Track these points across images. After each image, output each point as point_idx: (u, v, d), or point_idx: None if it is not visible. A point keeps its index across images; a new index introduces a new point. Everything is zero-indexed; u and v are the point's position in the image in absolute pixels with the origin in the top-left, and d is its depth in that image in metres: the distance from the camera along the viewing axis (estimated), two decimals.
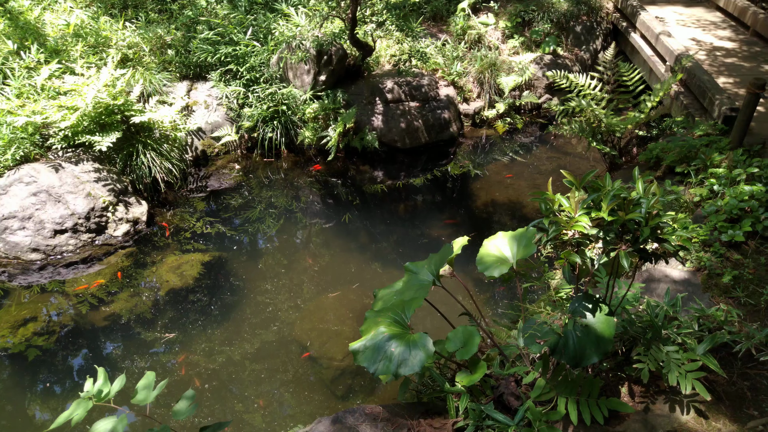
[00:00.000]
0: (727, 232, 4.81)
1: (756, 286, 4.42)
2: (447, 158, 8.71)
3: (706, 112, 6.80)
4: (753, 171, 5.20)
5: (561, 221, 3.10)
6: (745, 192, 4.99)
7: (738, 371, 3.72)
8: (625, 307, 3.87)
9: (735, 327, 3.90)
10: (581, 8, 9.97)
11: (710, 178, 5.39)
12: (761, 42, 8.63)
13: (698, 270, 4.70)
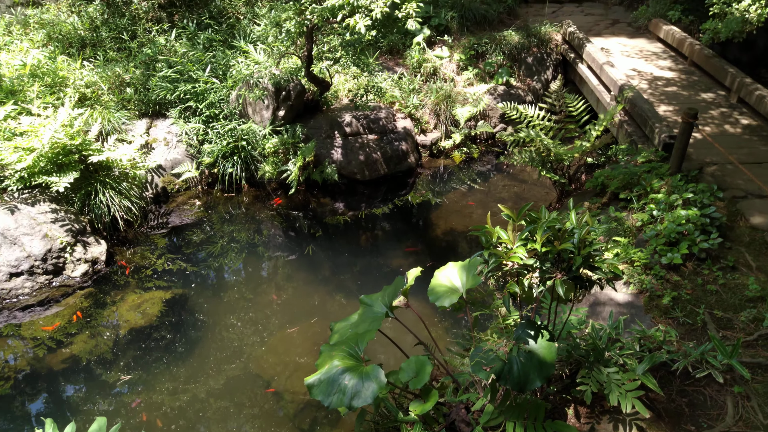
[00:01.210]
0: (667, 255, 5.07)
1: (693, 306, 4.67)
2: (406, 188, 8.91)
3: (648, 139, 7.16)
4: (688, 196, 5.50)
5: (500, 253, 3.27)
6: (681, 216, 5.27)
7: (676, 388, 3.92)
8: (570, 332, 4.05)
9: (673, 346, 4.11)
10: (532, 40, 10.39)
11: (650, 203, 5.67)
12: (698, 71, 9.12)
13: (640, 292, 4.93)
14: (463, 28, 10.66)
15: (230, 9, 10.17)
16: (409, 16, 4.95)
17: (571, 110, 7.10)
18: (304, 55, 7.32)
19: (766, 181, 6.27)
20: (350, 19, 4.94)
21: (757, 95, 7.59)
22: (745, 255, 5.27)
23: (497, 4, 11.31)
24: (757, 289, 4.72)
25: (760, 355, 4.13)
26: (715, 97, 8.31)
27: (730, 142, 7.13)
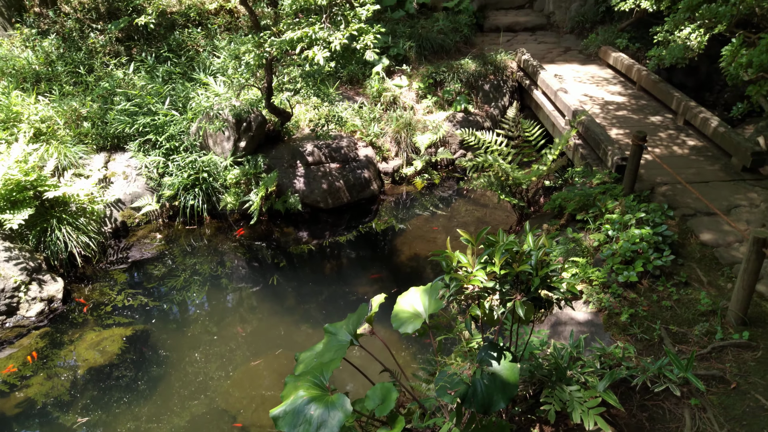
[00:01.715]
0: (623, 273, 5.22)
1: (650, 322, 4.80)
2: (370, 215, 8.97)
3: (602, 162, 7.40)
4: (641, 216, 5.69)
5: (460, 277, 3.33)
6: (635, 235, 5.45)
7: (637, 403, 4.01)
8: (532, 352, 4.12)
9: (632, 362, 4.22)
10: (488, 68, 10.69)
11: (606, 224, 5.85)
12: (647, 96, 9.51)
13: (599, 311, 5.06)
14: (421, 58, 10.91)
15: (189, 42, 10.19)
16: (367, 48, 5.06)
17: (528, 135, 7.31)
18: (264, 86, 7.38)
19: (712, 199, 6.53)
20: (309, 51, 5.03)
21: (701, 118, 7.95)
22: (697, 270, 5.46)
23: (454, 34, 11.62)
24: (709, 303, 4.90)
25: (714, 367, 4.27)
26: (663, 120, 8.66)
27: (678, 163, 7.42)
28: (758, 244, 4.42)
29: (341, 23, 5.57)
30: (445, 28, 11.59)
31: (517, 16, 14.02)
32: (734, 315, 4.69)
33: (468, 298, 3.38)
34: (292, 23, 5.49)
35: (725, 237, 5.88)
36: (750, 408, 3.93)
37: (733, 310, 4.71)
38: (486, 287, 3.32)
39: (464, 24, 11.97)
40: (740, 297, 4.65)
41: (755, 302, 4.92)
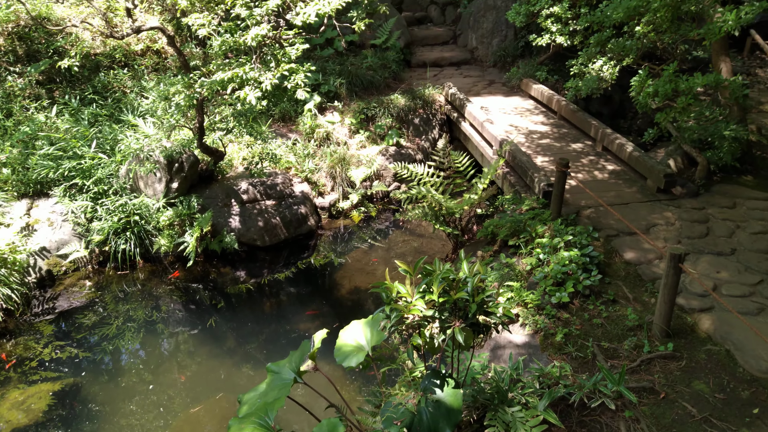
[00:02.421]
0: (555, 294, 5.44)
1: (583, 340, 5.01)
2: (308, 251, 8.95)
3: (530, 188, 7.73)
4: (568, 239, 5.98)
5: (400, 307, 3.40)
6: (565, 258, 5.71)
7: (576, 420, 4.16)
8: (474, 377, 4.21)
9: (569, 380, 4.38)
10: (417, 102, 11.01)
11: (537, 248, 6.10)
12: (567, 124, 10.04)
13: (536, 332, 5.24)
14: (352, 94, 11.12)
15: (115, 83, 10.00)
16: (297, 87, 5.16)
17: (458, 166, 7.56)
18: (195, 126, 7.33)
19: (632, 220, 6.93)
20: (241, 91, 5.07)
21: (617, 143, 8.46)
22: (623, 288, 5.76)
23: (383, 70, 11.93)
24: (635, 318, 5.17)
25: (644, 379, 4.50)
26: (583, 147, 9.16)
27: (600, 187, 7.85)
28: (675, 260, 4.73)
29: (271, 62, 5.65)
30: (374, 64, 11.88)
31: (442, 51, 14.55)
32: (659, 328, 4.96)
33: (409, 328, 3.45)
34: (222, 64, 5.53)
35: (646, 255, 6.23)
36: (679, 416, 4.15)
37: (657, 323, 4.99)
38: (426, 316, 3.40)
39: (392, 60, 12.31)
40: (663, 311, 4.94)
41: (677, 315, 5.24)
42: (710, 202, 7.40)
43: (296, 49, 5.92)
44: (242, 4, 5.08)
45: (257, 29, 4.95)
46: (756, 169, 8.45)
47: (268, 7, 4.99)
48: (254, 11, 5.04)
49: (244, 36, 5.04)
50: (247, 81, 5.08)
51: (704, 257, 6.18)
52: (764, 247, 6.30)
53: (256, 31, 4.93)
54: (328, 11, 5.24)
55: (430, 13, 16.71)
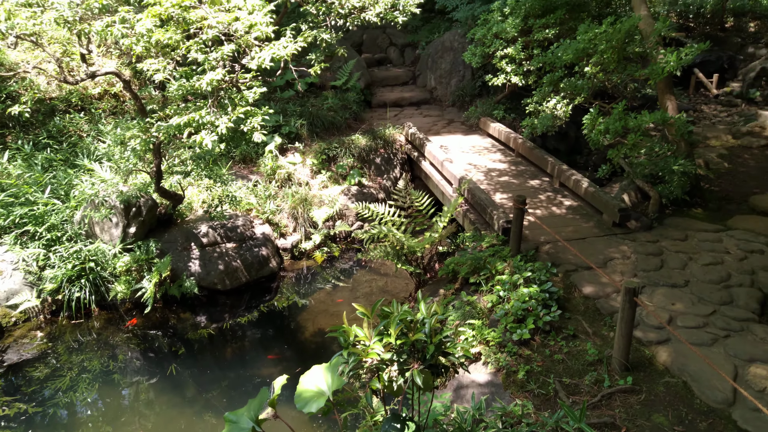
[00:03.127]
0: (516, 331, 5.47)
1: (545, 377, 5.03)
2: (271, 294, 8.83)
3: (489, 225, 7.84)
4: (527, 275, 6.05)
5: (358, 351, 3.37)
6: (524, 294, 5.76)
7: None
8: (436, 418, 4.16)
9: (531, 418, 4.37)
10: (378, 142, 11.14)
11: (497, 285, 6.15)
12: (525, 161, 10.27)
13: (498, 370, 5.24)
14: (314, 135, 11.19)
15: (71, 128, 9.85)
16: (254, 130, 5.17)
17: (418, 205, 7.63)
18: (153, 170, 7.24)
19: (589, 254, 7.07)
20: (197, 135, 5.05)
21: (573, 179, 8.68)
22: (583, 323, 5.83)
23: (343, 111, 12.07)
24: (595, 353, 5.22)
25: (605, 414, 4.52)
26: (541, 183, 9.37)
27: (557, 222, 8.01)
28: (630, 294, 4.82)
29: (228, 106, 5.66)
30: (334, 105, 12.02)
31: (402, 92, 14.83)
32: (618, 362, 5.02)
33: (368, 372, 3.41)
34: (179, 108, 5.51)
35: (604, 288, 6.35)
36: None
37: (616, 357, 5.05)
38: (384, 359, 3.37)
39: (353, 101, 12.48)
40: (621, 345, 5.01)
41: (635, 348, 5.32)
42: (663, 235, 7.62)
43: (254, 93, 5.95)
44: (197, 50, 5.11)
45: (212, 74, 4.98)
46: (705, 201, 8.76)
47: (222, 53, 5.02)
48: (210, 56, 5.08)
49: (199, 81, 5.05)
50: (203, 125, 5.07)
51: (660, 289, 6.33)
52: (716, 278, 6.49)
53: (211, 76, 4.95)
54: (284, 55, 5.30)
55: (389, 55, 17.08)
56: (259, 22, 5.06)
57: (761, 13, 20.96)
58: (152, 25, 5.13)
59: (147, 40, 5.11)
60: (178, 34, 5.05)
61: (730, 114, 16.02)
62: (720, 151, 11.71)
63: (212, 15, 5.03)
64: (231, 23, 5.08)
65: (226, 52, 5.01)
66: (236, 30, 5.12)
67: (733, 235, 7.52)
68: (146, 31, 5.14)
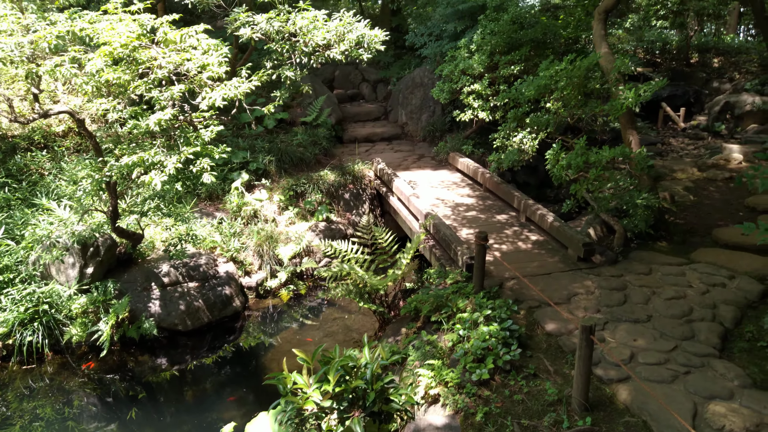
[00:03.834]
0: (476, 371, 5.35)
1: (503, 419, 4.90)
2: (234, 334, 8.62)
3: (454, 261, 7.77)
4: (487, 313, 5.97)
5: (296, 400, 3.24)
6: (484, 333, 5.67)
7: None
8: None
9: None
10: (347, 178, 11.10)
11: (458, 323, 6.05)
12: (492, 196, 10.29)
13: (456, 413, 5.10)
14: (282, 171, 11.13)
15: (33, 166, 9.68)
16: (203, 170, 5.09)
17: (381, 242, 7.55)
18: (109, 210, 7.10)
19: (554, 290, 7.02)
20: (146, 176, 4.95)
21: (539, 214, 8.69)
22: (544, 361, 5.74)
23: (313, 147, 12.06)
24: (555, 392, 5.12)
25: None
26: (508, 218, 9.36)
27: (523, 257, 7.97)
28: (586, 332, 4.75)
29: (184, 145, 5.59)
30: (304, 141, 12.01)
31: (374, 127, 14.92)
32: (577, 402, 4.92)
33: (305, 421, 3.28)
34: (129, 148, 5.43)
35: (566, 325, 6.28)
36: None
37: (575, 397, 4.95)
38: (323, 407, 3.25)
39: (323, 137, 12.49)
40: (580, 384, 4.91)
41: (595, 386, 5.23)
42: (628, 269, 7.61)
43: (210, 132, 5.89)
44: (146, 89, 5.05)
45: (160, 114, 4.91)
46: (670, 234, 8.81)
47: (173, 92, 4.96)
48: (161, 95, 5.01)
49: (146, 120, 4.98)
50: (152, 165, 4.98)
51: (622, 325, 6.27)
52: (678, 313, 6.46)
53: (158, 116, 4.89)
54: (237, 94, 5.26)
55: (362, 91, 17.23)
56: (212, 63, 5.03)
57: (724, 50, 21.61)
58: (103, 65, 5.07)
59: (97, 80, 5.04)
60: (127, 74, 4.99)
61: (697, 147, 16.33)
62: (686, 183, 11.87)
63: (162, 55, 4.98)
64: (182, 63, 5.04)
65: (176, 92, 4.96)
66: (188, 70, 5.08)
67: (696, 269, 7.53)
68: (96, 71, 5.08)
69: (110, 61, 5.20)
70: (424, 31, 13.72)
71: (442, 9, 12.96)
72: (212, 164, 5.13)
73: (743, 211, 10.00)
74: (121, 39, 4.77)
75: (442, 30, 13.28)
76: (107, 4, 5.43)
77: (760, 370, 5.50)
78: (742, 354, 5.80)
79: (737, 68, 20.58)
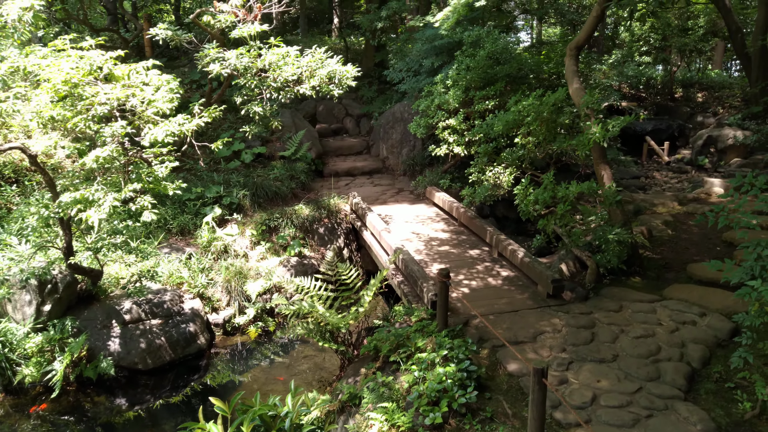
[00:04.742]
0: (429, 415, 5.15)
1: None
2: (199, 372, 8.39)
3: (420, 298, 7.60)
4: (444, 353, 5.78)
5: None
6: (440, 374, 5.48)
7: None
8: None
9: None
10: (322, 212, 11.00)
11: (415, 363, 5.85)
12: (467, 231, 10.17)
13: None
14: (256, 205, 11.03)
15: (0, 200, 9.57)
16: (144, 208, 4.98)
17: (344, 278, 7.40)
18: (63, 247, 6.96)
19: (521, 327, 6.85)
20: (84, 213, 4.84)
21: (510, 249, 8.56)
22: (503, 403, 5.54)
23: (290, 181, 11.99)
24: None
25: None
26: (480, 253, 9.22)
27: (492, 294, 7.81)
28: (538, 375, 4.58)
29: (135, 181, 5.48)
30: (281, 175, 11.95)
31: (355, 161, 14.89)
32: None
33: None
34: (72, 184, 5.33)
35: (529, 365, 6.08)
36: None
37: None
38: None
39: (301, 171, 12.43)
40: (533, 428, 4.71)
41: (555, 430, 5.02)
42: (598, 306, 7.44)
43: (165, 167, 5.80)
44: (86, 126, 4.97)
45: (98, 151, 4.82)
46: (643, 270, 8.66)
47: (113, 129, 4.88)
48: (102, 131, 4.93)
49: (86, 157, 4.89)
50: (91, 203, 4.87)
51: (587, 365, 6.09)
52: (645, 352, 6.28)
53: (96, 153, 4.79)
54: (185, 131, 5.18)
55: (345, 125, 17.27)
56: (158, 99, 4.96)
57: (707, 84, 21.82)
58: (49, 101, 5.00)
59: (42, 117, 4.97)
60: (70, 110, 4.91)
61: (680, 180, 16.33)
62: (665, 217, 11.76)
63: (104, 92, 4.92)
64: (127, 99, 4.97)
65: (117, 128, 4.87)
66: (134, 105, 5.02)
67: (668, 306, 7.37)
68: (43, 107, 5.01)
69: (57, 97, 5.14)
70: (402, 67, 13.80)
71: (420, 45, 13.06)
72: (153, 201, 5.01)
73: (720, 245, 9.87)
74: (62, 76, 4.71)
75: (420, 65, 13.35)
76: (56, 40, 5.40)
77: (725, 413, 5.30)
78: (709, 396, 5.61)
79: (721, 103, 20.75)
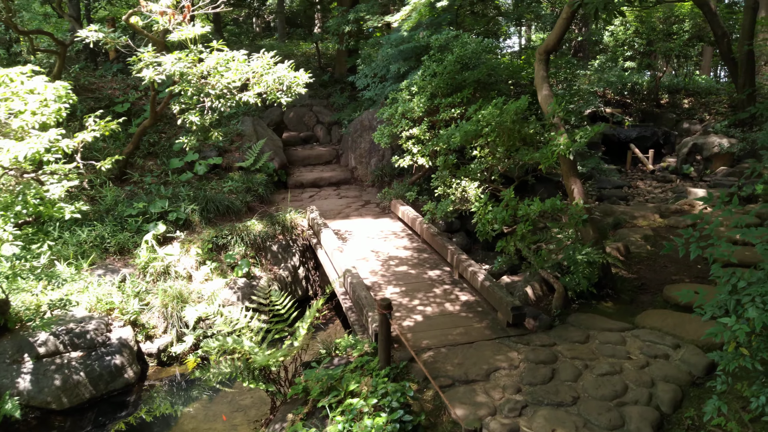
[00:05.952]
0: None
1: None
2: (127, 408, 7.58)
3: (366, 329, 6.85)
4: (374, 401, 5.02)
5: None
6: (368, 427, 4.73)
7: None
8: None
9: None
10: (276, 228, 10.23)
11: (343, 412, 5.10)
12: (429, 248, 9.43)
13: None
14: (206, 220, 10.25)
15: None
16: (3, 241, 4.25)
17: (279, 308, 6.65)
18: None
19: (473, 363, 6.12)
20: None
21: (470, 271, 7.82)
22: None
23: (246, 194, 11.23)
24: None
25: None
26: (440, 274, 8.48)
27: (447, 322, 7.08)
28: None
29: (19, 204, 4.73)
30: (236, 188, 11.19)
31: (323, 171, 14.15)
32: None
33: None
34: None
35: (477, 410, 5.33)
36: None
37: None
38: None
39: (259, 183, 11.67)
40: None
41: None
42: (562, 337, 6.71)
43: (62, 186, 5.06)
44: None
45: None
46: (617, 292, 7.93)
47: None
48: None
49: None
50: None
51: (542, 410, 5.35)
52: (609, 393, 5.54)
53: None
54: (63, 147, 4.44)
55: (316, 133, 16.56)
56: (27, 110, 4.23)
57: (694, 90, 21.22)
58: None
59: None
60: None
61: (664, 190, 15.68)
62: (645, 231, 11.05)
63: None
64: None
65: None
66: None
67: (639, 336, 6.64)
68: None
69: None
70: (369, 72, 13.08)
71: (385, 49, 12.34)
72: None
73: (702, 263, 9.15)
74: None
75: (387, 71, 12.63)
76: None
77: None
78: None
79: (707, 109, 20.15)
